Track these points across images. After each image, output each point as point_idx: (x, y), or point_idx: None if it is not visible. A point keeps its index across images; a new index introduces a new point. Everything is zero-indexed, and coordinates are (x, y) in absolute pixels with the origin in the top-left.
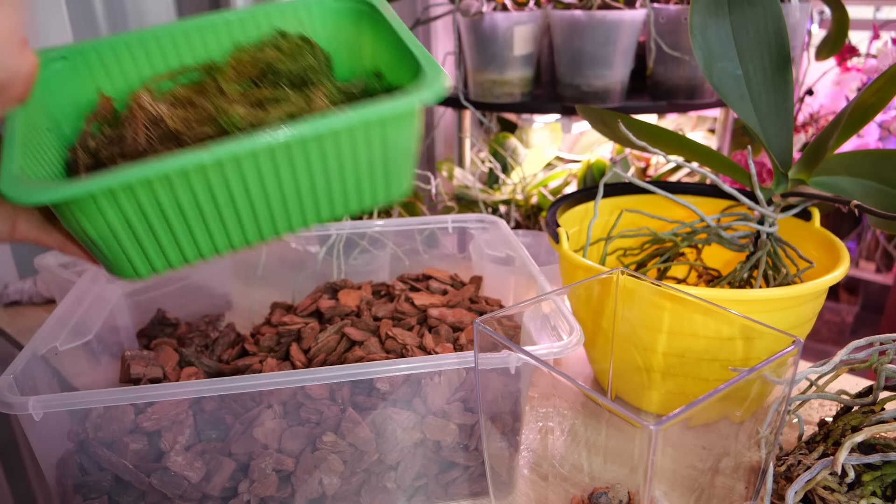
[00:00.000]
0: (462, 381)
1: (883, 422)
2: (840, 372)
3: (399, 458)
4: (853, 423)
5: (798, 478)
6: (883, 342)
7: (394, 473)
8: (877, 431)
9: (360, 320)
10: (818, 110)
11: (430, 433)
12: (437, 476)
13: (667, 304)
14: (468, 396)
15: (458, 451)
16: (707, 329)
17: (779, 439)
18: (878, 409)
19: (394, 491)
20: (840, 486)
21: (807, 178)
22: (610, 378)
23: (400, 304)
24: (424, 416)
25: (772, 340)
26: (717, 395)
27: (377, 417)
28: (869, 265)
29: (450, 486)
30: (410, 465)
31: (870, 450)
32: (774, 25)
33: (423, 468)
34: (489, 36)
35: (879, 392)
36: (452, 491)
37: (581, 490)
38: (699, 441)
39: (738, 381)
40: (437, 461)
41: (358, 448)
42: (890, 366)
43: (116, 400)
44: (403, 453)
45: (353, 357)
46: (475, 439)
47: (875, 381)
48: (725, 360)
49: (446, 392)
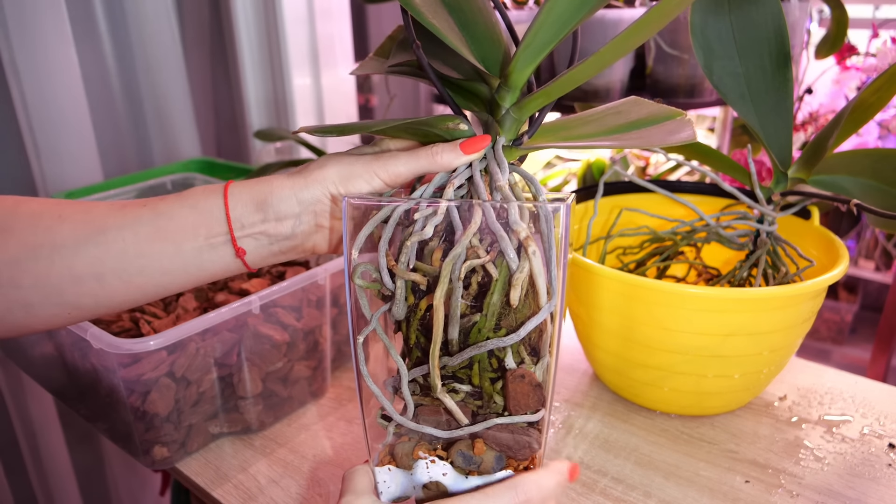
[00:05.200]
0: None
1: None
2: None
3: None
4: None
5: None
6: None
7: None
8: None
9: None
10: (818, 109)
11: None
12: None
13: (664, 299)
14: None
15: None
16: (708, 326)
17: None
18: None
19: None
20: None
21: (806, 177)
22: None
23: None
24: None
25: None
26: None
27: None
28: (868, 264)
29: None
30: None
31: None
32: (774, 24)
33: None
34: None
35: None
36: None
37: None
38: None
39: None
40: None
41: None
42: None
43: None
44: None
45: None
46: None
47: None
48: (727, 357)
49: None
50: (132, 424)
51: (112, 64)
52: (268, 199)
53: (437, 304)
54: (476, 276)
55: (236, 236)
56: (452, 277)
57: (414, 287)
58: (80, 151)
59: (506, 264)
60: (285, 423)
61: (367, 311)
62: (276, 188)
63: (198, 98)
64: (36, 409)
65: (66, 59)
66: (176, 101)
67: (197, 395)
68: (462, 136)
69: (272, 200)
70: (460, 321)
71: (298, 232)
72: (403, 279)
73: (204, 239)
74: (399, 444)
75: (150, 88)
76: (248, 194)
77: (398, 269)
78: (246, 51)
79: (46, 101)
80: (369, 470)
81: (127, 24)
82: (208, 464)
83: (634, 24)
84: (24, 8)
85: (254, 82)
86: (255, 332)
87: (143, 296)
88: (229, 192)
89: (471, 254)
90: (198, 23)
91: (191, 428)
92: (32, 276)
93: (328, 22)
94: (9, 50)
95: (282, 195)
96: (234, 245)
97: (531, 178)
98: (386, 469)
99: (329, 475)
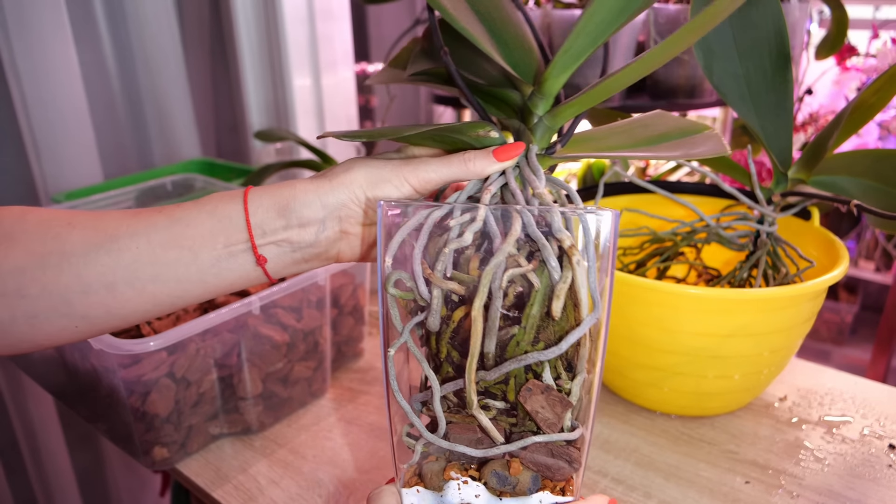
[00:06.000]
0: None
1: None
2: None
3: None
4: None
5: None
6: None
7: None
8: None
9: None
10: (818, 110)
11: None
12: None
13: (665, 300)
14: None
15: None
16: (708, 327)
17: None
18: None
19: None
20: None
21: (806, 178)
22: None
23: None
24: None
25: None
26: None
27: None
28: (868, 264)
29: None
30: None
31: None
32: (774, 25)
33: None
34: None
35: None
36: None
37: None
38: None
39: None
40: None
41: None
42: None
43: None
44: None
45: None
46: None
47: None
48: (727, 358)
49: None
50: (132, 425)
51: (112, 64)
52: (290, 204)
53: (475, 315)
54: (514, 286)
55: (257, 244)
56: (493, 287)
57: (446, 298)
58: (80, 152)
59: (547, 274)
60: (285, 424)
61: (397, 323)
62: (299, 192)
63: (198, 98)
64: (36, 410)
65: (66, 59)
66: (176, 101)
67: (197, 395)
68: (492, 143)
69: (295, 205)
70: (497, 333)
71: (322, 238)
72: (440, 288)
73: (223, 247)
74: (427, 463)
75: (150, 89)
76: (269, 199)
77: (435, 278)
78: (246, 51)
79: (46, 102)
80: (395, 491)
81: (127, 25)
82: (208, 464)
83: (680, 30)
84: (24, 8)
85: (254, 82)
86: (255, 333)
87: (155, 306)
88: (249, 197)
89: (510, 262)
90: (198, 23)
91: (191, 429)
92: (39, 285)
93: (328, 22)
94: (9, 50)
95: (305, 199)
96: (255, 253)
97: (569, 189)
98: (414, 491)
99: (329, 476)
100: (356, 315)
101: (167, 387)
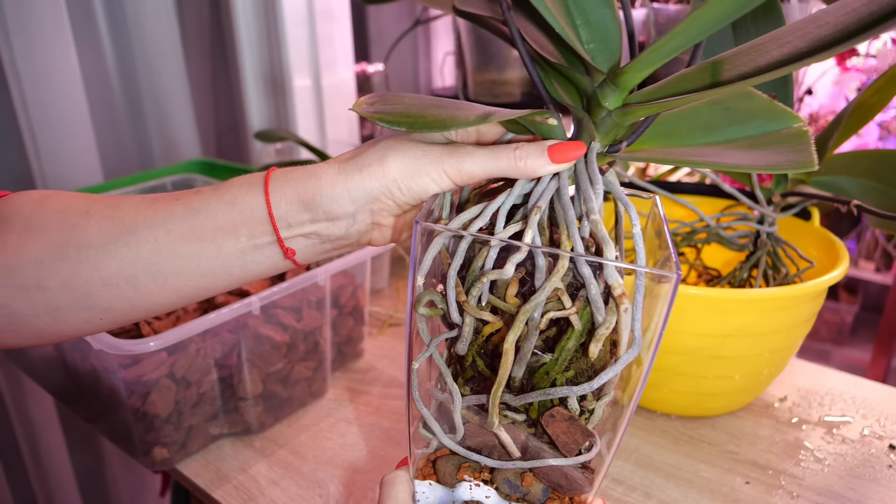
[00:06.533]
0: None
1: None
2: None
3: None
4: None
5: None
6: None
7: None
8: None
9: None
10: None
11: None
12: None
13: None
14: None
15: None
16: (708, 327)
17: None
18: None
19: None
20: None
21: (806, 178)
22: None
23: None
24: None
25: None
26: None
27: None
28: (868, 265)
29: None
30: None
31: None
32: (775, 25)
33: None
34: (489, 36)
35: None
36: None
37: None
38: None
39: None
40: None
41: None
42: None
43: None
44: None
45: None
46: None
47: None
48: (727, 358)
49: None
50: (132, 425)
51: (112, 64)
52: (316, 198)
53: (507, 349)
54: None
55: (283, 237)
56: (530, 325)
57: (477, 324)
58: (81, 152)
59: (589, 312)
60: (285, 425)
61: (425, 336)
62: (325, 185)
63: (198, 98)
64: (36, 410)
65: (66, 59)
66: (176, 101)
67: (197, 396)
68: (549, 132)
69: (321, 199)
70: (527, 360)
71: (353, 231)
72: (473, 317)
73: (247, 239)
74: (441, 459)
75: (150, 89)
76: (292, 190)
77: (469, 307)
78: (246, 51)
79: (46, 102)
80: (408, 478)
81: (127, 25)
82: (208, 465)
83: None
84: (24, 9)
85: (254, 82)
86: (255, 333)
87: (179, 298)
88: (271, 186)
89: (552, 297)
90: (198, 23)
91: (191, 429)
92: (59, 278)
93: (328, 22)
94: (9, 51)
95: (332, 194)
96: (282, 246)
97: (627, 203)
98: (427, 483)
99: (329, 476)
100: (356, 315)
101: (167, 387)
